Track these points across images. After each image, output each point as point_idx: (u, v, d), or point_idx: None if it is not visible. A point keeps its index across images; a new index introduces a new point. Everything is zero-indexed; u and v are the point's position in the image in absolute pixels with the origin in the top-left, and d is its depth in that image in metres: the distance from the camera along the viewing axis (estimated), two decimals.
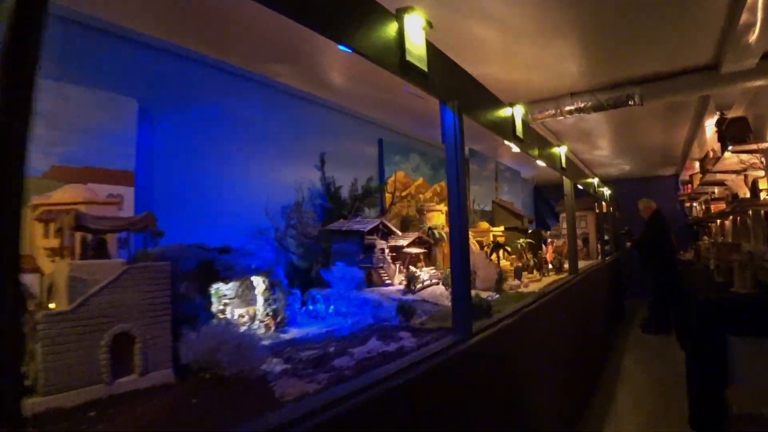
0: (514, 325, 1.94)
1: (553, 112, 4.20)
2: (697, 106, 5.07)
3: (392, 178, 3.98)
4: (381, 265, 2.44)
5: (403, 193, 4.04)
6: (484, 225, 3.81)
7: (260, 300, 1.68)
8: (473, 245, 2.99)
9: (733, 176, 5.62)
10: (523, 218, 4.40)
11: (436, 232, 3.09)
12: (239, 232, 2.48)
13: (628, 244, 7.52)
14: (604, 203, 7.53)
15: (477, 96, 2.02)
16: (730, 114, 4.54)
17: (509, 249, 3.23)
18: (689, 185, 9.23)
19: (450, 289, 1.76)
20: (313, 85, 3.36)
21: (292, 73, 3.05)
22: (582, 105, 4.05)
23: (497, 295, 2.47)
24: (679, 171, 9.33)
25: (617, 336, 6.49)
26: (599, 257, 6.16)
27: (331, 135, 3.55)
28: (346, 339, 1.56)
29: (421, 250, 2.84)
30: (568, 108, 4.13)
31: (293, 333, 1.65)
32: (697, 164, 8.06)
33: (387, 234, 2.62)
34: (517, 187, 7.85)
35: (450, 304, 1.65)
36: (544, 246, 4.62)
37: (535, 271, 3.72)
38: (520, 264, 3.73)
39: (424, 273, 2.56)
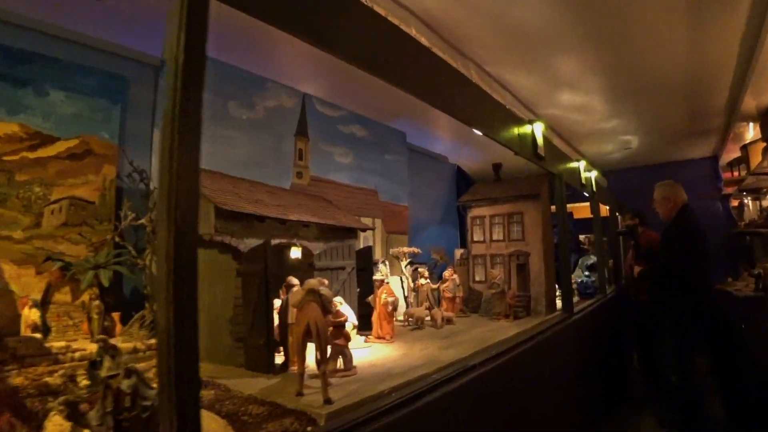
0: None
1: None
2: None
3: None
4: None
5: None
6: None
7: None
8: None
9: None
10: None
11: None
12: None
13: (636, 268, 4.06)
14: (587, 196, 4.25)
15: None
16: None
17: None
18: (737, 169, 5.86)
19: None
20: None
21: None
22: None
23: None
24: (719, 150, 5.96)
25: None
26: (560, 310, 2.87)
27: None
28: None
29: None
30: None
31: None
32: (751, 129, 4.73)
33: None
34: (400, 166, 4.52)
35: None
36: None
37: None
38: None
39: None
